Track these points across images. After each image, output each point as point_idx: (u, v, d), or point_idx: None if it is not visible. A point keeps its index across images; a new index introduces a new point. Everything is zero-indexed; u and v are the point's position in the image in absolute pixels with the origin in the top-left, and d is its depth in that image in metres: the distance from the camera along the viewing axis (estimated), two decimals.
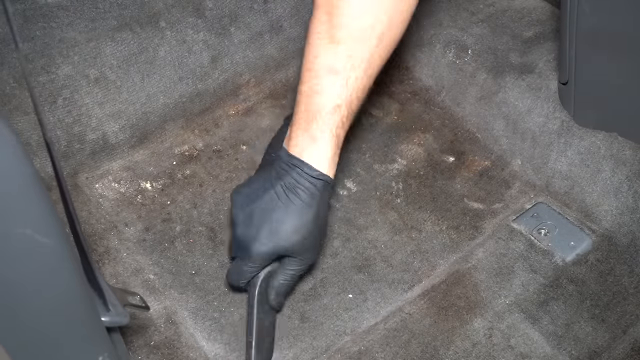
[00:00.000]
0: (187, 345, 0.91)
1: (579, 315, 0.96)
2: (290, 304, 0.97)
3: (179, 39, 1.14)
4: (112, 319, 0.60)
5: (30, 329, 0.52)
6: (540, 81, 1.16)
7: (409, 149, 1.18)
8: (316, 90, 0.86)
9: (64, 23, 1.05)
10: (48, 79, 1.04)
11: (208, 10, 1.16)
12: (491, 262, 1.02)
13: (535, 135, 1.14)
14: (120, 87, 1.10)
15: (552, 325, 0.95)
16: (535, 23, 1.28)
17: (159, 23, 1.12)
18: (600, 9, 0.96)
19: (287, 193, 0.86)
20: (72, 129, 1.07)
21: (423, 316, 0.96)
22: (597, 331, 0.94)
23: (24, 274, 0.49)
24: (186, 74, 1.16)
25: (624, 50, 0.98)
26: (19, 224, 0.46)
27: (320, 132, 0.86)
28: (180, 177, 1.11)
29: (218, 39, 1.18)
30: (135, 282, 0.97)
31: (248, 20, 1.20)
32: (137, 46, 1.11)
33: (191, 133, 1.18)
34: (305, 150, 0.86)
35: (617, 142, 1.07)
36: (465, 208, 1.10)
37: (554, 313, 0.96)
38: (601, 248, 1.03)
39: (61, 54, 1.05)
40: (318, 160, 0.86)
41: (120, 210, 1.06)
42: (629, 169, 1.05)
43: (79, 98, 1.07)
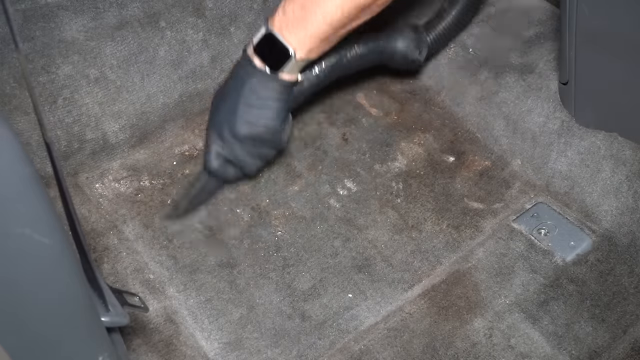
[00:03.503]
0: (186, 345, 0.91)
1: (579, 315, 0.96)
2: (290, 303, 0.97)
3: (179, 39, 1.14)
4: (112, 319, 0.61)
5: (30, 329, 0.52)
6: (540, 81, 1.16)
7: (409, 148, 1.18)
8: None
9: (64, 23, 1.05)
10: (48, 79, 1.04)
11: (208, 10, 1.16)
12: (491, 262, 1.02)
13: (535, 135, 1.14)
14: (120, 87, 1.10)
15: (552, 325, 0.95)
16: (535, 23, 1.28)
17: (159, 23, 1.12)
18: (599, 10, 0.96)
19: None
20: (72, 129, 1.07)
21: (423, 316, 0.96)
22: (597, 331, 0.94)
23: (23, 274, 0.49)
24: (186, 74, 1.16)
25: (623, 50, 0.98)
26: (19, 224, 0.46)
27: None
28: (180, 176, 1.11)
29: (218, 39, 1.18)
30: (135, 281, 0.97)
31: (248, 20, 1.20)
32: (137, 46, 1.11)
33: (191, 133, 1.17)
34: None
35: (617, 142, 1.07)
36: (466, 208, 1.10)
37: (554, 313, 0.96)
38: (601, 248, 1.03)
39: (61, 54, 1.05)
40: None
41: (120, 210, 1.05)
42: (629, 169, 1.05)
43: (79, 98, 1.07)
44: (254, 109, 0.98)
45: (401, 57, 1.15)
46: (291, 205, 1.09)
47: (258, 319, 0.95)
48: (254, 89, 0.97)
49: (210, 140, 1.02)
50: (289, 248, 1.03)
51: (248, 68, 0.98)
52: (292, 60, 0.95)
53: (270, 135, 1.01)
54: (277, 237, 1.05)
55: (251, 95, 0.97)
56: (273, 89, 0.98)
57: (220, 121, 1.00)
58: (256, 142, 1.01)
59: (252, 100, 0.98)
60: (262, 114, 0.98)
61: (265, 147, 1.03)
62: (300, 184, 1.12)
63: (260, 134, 1.00)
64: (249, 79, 0.98)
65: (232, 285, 0.98)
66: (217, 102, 1.02)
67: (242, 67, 0.99)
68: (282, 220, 1.07)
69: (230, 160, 1.03)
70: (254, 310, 0.96)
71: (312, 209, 1.09)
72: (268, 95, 0.98)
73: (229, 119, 0.99)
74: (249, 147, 1.01)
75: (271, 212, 1.08)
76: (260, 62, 0.97)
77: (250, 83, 0.97)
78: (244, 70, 0.98)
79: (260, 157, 1.04)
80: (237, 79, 0.99)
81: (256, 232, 1.05)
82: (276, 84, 0.97)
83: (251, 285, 0.99)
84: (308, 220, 1.07)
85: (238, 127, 0.99)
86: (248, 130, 0.99)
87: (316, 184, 1.12)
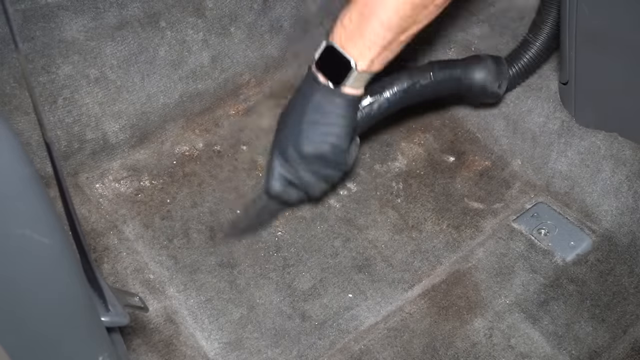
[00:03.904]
0: (186, 345, 0.91)
1: (579, 315, 0.96)
2: (291, 303, 0.97)
3: (179, 39, 1.14)
4: (112, 319, 0.61)
5: (30, 328, 0.52)
6: (540, 81, 1.16)
7: (409, 148, 1.18)
8: None
9: (64, 23, 1.05)
10: (48, 79, 1.04)
11: (208, 10, 1.16)
12: (491, 261, 1.02)
13: (535, 135, 1.14)
14: (120, 87, 1.10)
15: (552, 325, 0.95)
16: None
17: (159, 23, 1.12)
18: (599, 10, 0.96)
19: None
20: (72, 129, 1.07)
21: (423, 316, 0.96)
22: (597, 331, 0.94)
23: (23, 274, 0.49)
24: (186, 74, 1.16)
25: (623, 50, 0.98)
26: (19, 224, 0.46)
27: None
28: (180, 176, 1.11)
29: (218, 38, 1.18)
30: (135, 281, 0.97)
31: (248, 20, 1.20)
32: (137, 46, 1.11)
33: (191, 133, 1.18)
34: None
35: (617, 142, 1.07)
36: (466, 208, 1.10)
37: (554, 313, 0.96)
38: (601, 248, 1.03)
39: (61, 54, 1.05)
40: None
41: (120, 210, 1.06)
42: (629, 169, 1.05)
43: (79, 98, 1.07)
44: (319, 126, 0.93)
45: (479, 88, 1.08)
46: None
47: (258, 319, 0.95)
48: (318, 105, 0.93)
49: (273, 161, 0.98)
50: (289, 248, 1.03)
51: (312, 84, 0.93)
52: (354, 72, 0.90)
53: (336, 154, 0.96)
54: (277, 237, 1.05)
55: (315, 112, 0.93)
56: (337, 105, 0.93)
57: (284, 140, 0.96)
58: (321, 162, 0.96)
59: (317, 117, 0.93)
60: (328, 130, 0.94)
61: (330, 167, 0.98)
62: None
63: (326, 152, 0.95)
64: (313, 95, 0.93)
65: (232, 285, 0.98)
66: (281, 120, 0.98)
67: (306, 84, 0.95)
68: (282, 220, 1.07)
69: (294, 182, 0.99)
70: (254, 310, 0.96)
71: (312, 209, 1.09)
72: (333, 111, 0.93)
73: (293, 138, 0.95)
74: (314, 167, 0.97)
75: None
76: (323, 77, 0.92)
77: (314, 99, 0.93)
78: (308, 86, 0.94)
79: (325, 178, 1.00)
80: (300, 95, 0.95)
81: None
82: (340, 99, 0.92)
83: (251, 285, 0.99)
84: (308, 220, 1.07)
85: (303, 146, 0.94)
86: (313, 148, 0.94)
87: None
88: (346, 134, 0.95)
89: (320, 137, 0.94)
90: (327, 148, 0.94)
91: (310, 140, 0.94)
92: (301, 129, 0.94)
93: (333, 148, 0.94)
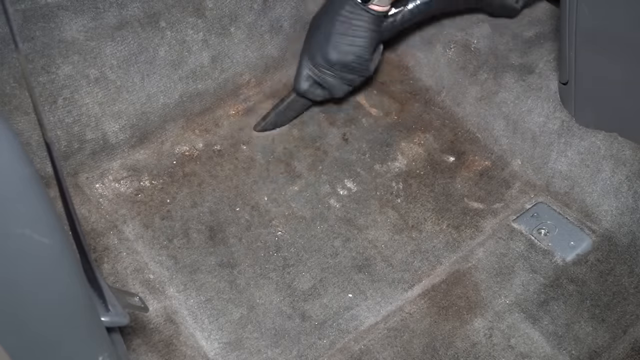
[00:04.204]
0: (186, 345, 0.91)
1: (579, 315, 0.96)
2: (291, 303, 0.97)
3: (179, 39, 1.14)
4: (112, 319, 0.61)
5: (30, 329, 0.52)
6: (540, 81, 1.16)
7: (409, 148, 1.18)
8: None
9: (64, 23, 1.05)
10: (48, 79, 1.04)
11: (208, 10, 1.16)
12: (491, 261, 1.02)
13: (535, 135, 1.14)
14: (120, 87, 1.10)
15: (552, 325, 0.95)
16: (535, 23, 1.28)
17: (159, 23, 1.12)
18: (599, 10, 0.96)
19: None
20: (72, 129, 1.07)
21: (423, 315, 0.96)
22: (597, 331, 0.94)
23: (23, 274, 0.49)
24: (186, 74, 1.16)
25: (623, 50, 0.98)
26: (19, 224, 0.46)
27: None
28: (180, 176, 1.11)
29: (218, 39, 1.18)
30: (135, 281, 0.97)
31: (248, 20, 1.20)
32: (137, 46, 1.11)
33: (191, 133, 1.18)
34: None
35: (617, 142, 1.07)
36: (466, 208, 1.10)
37: (554, 313, 0.96)
38: (601, 248, 1.03)
39: (61, 54, 1.05)
40: None
41: (120, 210, 1.06)
42: (629, 169, 1.05)
43: (79, 98, 1.07)
44: (346, 38, 1.06)
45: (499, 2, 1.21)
46: (291, 205, 1.09)
47: (258, 319, 0.95)
48: (346, 18, 1.06)
49: (302, 64, 1.12)
50: (289, 248, 1.03)
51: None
52: None
53: (360, 63, 1.09)
54: (277, 237, 1.05)
55: (344, 24, 1.06)
56: (364, 19, 1.05)
57: (314, 47, 1.10)
58: (345, 69, 1.10)
59: (345, 28, 1.06)
60: (354, 42, 1.07)
61: (354, 73, 1.12)
62: (300, 184, 1.12)
63: (350, 62, 1.09)
64: (342, 8, 1.06)
65: (232, 285, 0.98)
66: (311, 29, 1.11)
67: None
68: (282, 220, 1.07)
69: (319, 83, 1.13)
70: (254, 310, 0.96)
71: (312, 209, 1.09)
72: (359, 25, 1.06)
73: (322, 46, 1.08)
74: (339, 72, 1.10)
75: (271, 212, 1.08)
76: None
77: (343, 12, 1.06)
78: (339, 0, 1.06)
79: (349, 82, 1.14)
80: (330, 8, 1.08)
81: (256, 232, 1.05)
82: (367, 14, 1.05)
83: (251, 285, 0.99)
84: (308, 220, 1.07)
85: (330, 54, 1.08)
86: (339, 57, 1.08)
87: (316, 184, 1.12)
88: (370, 45, 1.08)
89: (347, 48, 1.07)
90: (351, 58, 1.08)
91: (338, 50, 1.08)
92: (329, 39, 1.07)
93: (357, 58, 1.08)
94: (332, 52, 1.08)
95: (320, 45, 1.09)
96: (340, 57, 1.08)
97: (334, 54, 1.08)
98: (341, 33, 1.06)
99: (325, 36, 1.08)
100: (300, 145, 1.18)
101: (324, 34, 1.08)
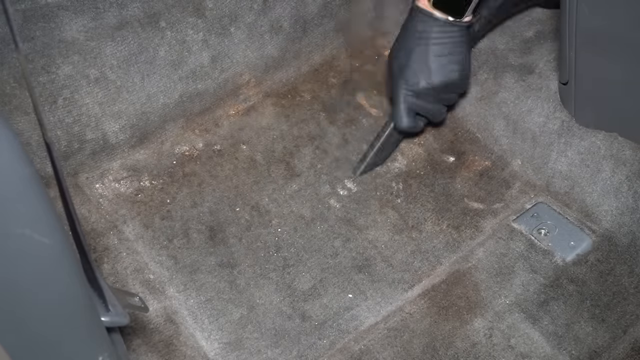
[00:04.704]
0: (186, 345, 0.91)
1: (579, 315, 0.96)
2: (291, 303, 0.97)
3: (179, 39, 1.14)
4: (112, 319, 0.60)
5: (30, 328, 0.52)
6: (540, 81, 1.16)
7: (409, 148, 1.18)
8: None
9: (64, 23, 1.05)
10: (48, 79, 1.04)
11: (208, 10, 1.16)
12: (491, 262, 1.02)
13: (535, 135, 1.14)
14: (120, 87, 1.10)
15: (552, 325, 0.95)
16: (535, 23, 1.28)
17: (159, 23, 1.12)
18: (599, 10, 0.96)
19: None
20: (72, 129, 1.07)
21: (423, 316, 0.96)
22: (597, 331, 0.94)
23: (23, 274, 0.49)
24: (186, 74, 1.16)
25: (623, 50, 0.98)
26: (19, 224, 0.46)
27: None
28: (180, 176, 1.11)
29: (218, 39, 1.18)
30: (135, 281, 0.97)
31: (248, 20, 1.20)
32: (137, 46, 1.11)
33: (191, 133, 1.18)
34: None
35: (617, 142, 1.07)
36: (466, 208, 1.10)
37: (554, 313, 0.96)
38: (601, 248, 1.03)
39: (61, 54, 1.05)
40: None
41: (120, 210, 1.06)
42: (629, 169, 1.05)
43: (79, 98, 1.07)
44: (445, 57, 1.05)
45: None
46: (291, 205, 1.09)
47: (258, 319, 0.95)
48: (439, 39, 1.04)
49: (400, 97, 1.08)
50: (289, 248, 1.03)
51: (427, 21, 1.03)
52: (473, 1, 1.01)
53: (463, 78, 1.08)
54: (277, 237, 1.05)
55: (438, 46, 1.04)
56: (457, 34, 1.04)
57: (413, 76, 1.06)
58: (448, 89, 1.08)
59: (441, 50, 1.04)
60: (453, 60, 1.05)
61: (455, 91, 1.11)
62: (300, 184, 1.12)
63: (455, 79, 1.07)
64: (432, 30, 1.04)
65: (232, 285, 0.98)
66: (401, 60, 1.07)
67: (422, 22, 1.04)
68: (282, 220, 1.07)
69: (419, 112, 1.10)
70: (254, 311, 0.96)
71: (312, 209, 1.09)
72: (454, 41, 1.04)
73: (422, 73, 1.05)
74: (441, 94, 1.08)
75: (271, 211, 1.08)
76: (441, 14, 1.02)
77: (433, 35, 1.04)
78: (425, 24, 1.04)
79: (447, 102, 1.12)
80: (418, 34, 1.05)
81: (256, 232, 1.05)
82: (459, 30, 1.04)
83: (251, 285, 0.99)
84: (308, 220, 1.07)
85: (434, 78, 1.05)
86: (443, 78, 1.06)
87: (316, 184, 1.12)
88: (468, 57, 1.08)
89: (449, 67, 1.05)
90: (456, 75, 1.06)
91: (441, 71, 1.05)
92: (429, 64, 1.05)
93: (461, 74, 1.07)
94: (436, 75, 1.05)
95: (420, 71, 1.05)
96: (445, 78, 1.06)
97: (438, 76, 1.05)
98: (438, 55, 1.04)
99: (422, 63, 1.05)
100: (300, 145, 1.18)
101: (420, 61, 1.05)
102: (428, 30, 1.04)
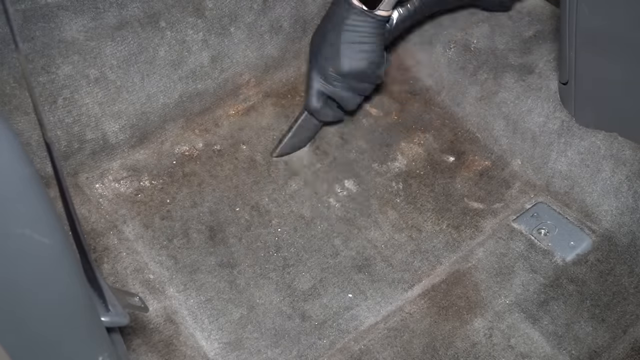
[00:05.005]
0: (186, 345, 0.91)
1: (579, 315, 0.96)
2: (290, 303, 0.97)
3: (179, 39, 1.14)
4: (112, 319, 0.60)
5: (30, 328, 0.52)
6: (540, 81, 1.16)
7: (409, 148, 1.18)
8: None
9: (64, 23, 1.05)
10: (48, 79, 1.04)
11: (208, 10, 1.16)
12: (491, 261, 1.02)
13: (535, 135, 1.14)
14: (120, 87, 1.10)
15: (552, 325, 0.95)
16: (535, 23, 1.28)
17: (159, 23, 1.12)
18: (599, 10, 0.96)
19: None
20: (72, 129, 1.07)
21: (423, 316, 0.96)
22: (597, 331, 0.94)
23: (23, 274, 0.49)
24: (186, 74, 1.16)
25: (623, 50, 0.98)
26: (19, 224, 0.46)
27: None
28: (180, 176, 1.11)
29: (218, 39, 1.18)
30: (135, 281, 0.97)
31: (248, 20, 1.20)
32: (137, 46, 1.11)
33: (191, 133, 1.18)
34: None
35: (617, 142, 1.07)
36: (466, 208, 1.10)
37: (554, 313, 0.96)
38: (601, 248, 1.03)
39: (61, 54, 1.05)
40: None
41: (120, 210, 1.06)
42: (629, 169, 1.05)
43: (79, 98, 1.07)
44: (356, 45, 1.06)
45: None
46: (291, 204, 1.09)
47: (258, 319, 0.95)
48: (353, 26, 1.05)
49: (312, 80, 1.10)
50: (289, 248, 1.03)
51: (346, 8, 1.04)
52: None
53: (372, 69, 1.08)
54: (277, 237, 1.05)
55: (351, 33, 1.05)
56: (372, 25, 1.05)
57: (323, 61, 1.08)
58: (358, 77, 1.08)
59: (353, 37, 1.05)
60: (363, 49, 1.06)
61: (366, 81, 1.10)
62: (300, 184, 1.12)
63: (363, 68, 1.07)
64: (348, 17, 1.05)
65: (232, 285, 0.98)
66: (317, 43, 1.09)
67: (339, 7, 1.05)
68: (282, 220, 1.07)
69: (332, 98, 1.11)
70: (254, 310, 0.96)
71: (312, 208, 1.09)
72: (367, 31, 1.05)
73: (332, 58, 1.07)
74: (352, 82, 1.09)
75: (271, 211, 1.08)
76: (357, 2, 1.03)
77: (349, 21, 1.05)
78: (342, 9, 1.05)
79: (361, 92, 1.12)
80: (335, 19, 1.06)
81: (256, 232, 1.05)
82: (374, 20, 1.05)
83: (251, 285, 0.99)
84: (308, 220, 1.07)
85: (342, 64, 1.06)
86: (351, 66, 1.06)
87: (316, 184, 1.12)
88: (380, 49, 1.08)
89: (359, 55, 1.06)
90: (364, 64, 1.07)
91: (349, 59, 1.06)
92: (339, 50, 1.06)
93: (370, 63, 1.07)
94: (345, 62, 1.06)
95: (330, 57, 1.07)
96: (353, 66, 1.06)
97: (347, 63, 1.06)
98: (350, 42, 1.05)
99: (334, 48, 1.06)
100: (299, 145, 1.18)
101: (332, 46, 1.06)
102: (345, 16, 1.05)
